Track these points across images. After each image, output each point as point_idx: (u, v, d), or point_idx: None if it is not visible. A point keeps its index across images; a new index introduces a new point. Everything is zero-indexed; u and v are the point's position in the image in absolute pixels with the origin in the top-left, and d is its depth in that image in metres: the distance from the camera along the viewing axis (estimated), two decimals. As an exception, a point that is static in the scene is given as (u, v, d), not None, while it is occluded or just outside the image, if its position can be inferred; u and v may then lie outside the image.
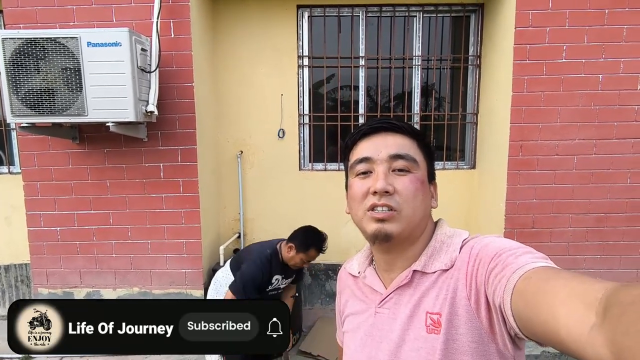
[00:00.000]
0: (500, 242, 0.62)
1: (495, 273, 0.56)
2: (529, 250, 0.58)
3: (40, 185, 2.83)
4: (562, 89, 2.70)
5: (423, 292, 0.67)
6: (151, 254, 2.90)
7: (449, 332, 0.62)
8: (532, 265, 0.53)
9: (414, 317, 0.66)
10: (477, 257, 0.62)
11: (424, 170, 0.71)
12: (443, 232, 0.71)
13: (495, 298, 0.55)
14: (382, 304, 0.72)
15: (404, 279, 0.69)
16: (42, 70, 2.27)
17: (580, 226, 2.82)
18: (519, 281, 0.51)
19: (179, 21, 2.66)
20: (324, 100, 3.36)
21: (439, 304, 0.64)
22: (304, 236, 2.11)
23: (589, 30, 2.66)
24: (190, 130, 2.77)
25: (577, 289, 0.43)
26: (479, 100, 3.29)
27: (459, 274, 0.63)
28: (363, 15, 3.22)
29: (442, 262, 0.67)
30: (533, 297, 0.48)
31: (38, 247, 2.90)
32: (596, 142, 2.75)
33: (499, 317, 0.57)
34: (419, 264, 0.68)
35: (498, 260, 0.58)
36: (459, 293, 0.62)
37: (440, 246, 0.69)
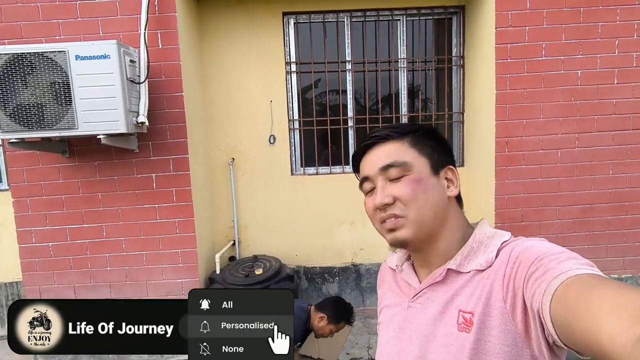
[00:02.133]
0: (543, 245, 0.61)
1: (535, 277, 0.55)
2: (573, 256, 0.56)
3: (31, 201, 2.79)
4: (543, 85, 2.80)
5: (456, 290, 0.67)
6: (146, 265, 2.88)
7: (481, 332, 0.61)
8: (576, 272, 0.51)
9: (446, 313, 0.67)
10: (517, 259, 0.61)
11: (422, 166, 0.70)
12: (482, 232, 0.71)
13: (533, 302, 0.54)
14: (415, 299, 0.73)
15: (438, 276, 0.70)
16: (30, 85, 2.26)
17: (567, 217, 2.90)
18: (560, 287, 0.50)
19: (166, 32, 2.68)
20: (313, 105, 3.41)
21: (473, 302, 0.64)
22: (336, 309, 2.15)
23: (566, 29, 2.76)
24: (182, 140, 2.77)
25: (623, 299, 0.43)
26: (464, 99, 3.37)
27: (495, 275, 0.63)
28: (348, 20, 3.28)
29: (478, 263, 0.66)
30: (575, 304, 0.47)
31: (30, 264, 2.86)
32: (578, 135, 2.85)
33: (536, 322, 0.55)
34: (454, 263, 0.68)
35: (539, 264, 0.56)
36: (494, 294, 0.62)
37: (478, 246, 0.68)
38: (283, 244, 3.40)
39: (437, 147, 0.74)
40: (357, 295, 3.51)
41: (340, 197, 3.38)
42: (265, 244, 3.41)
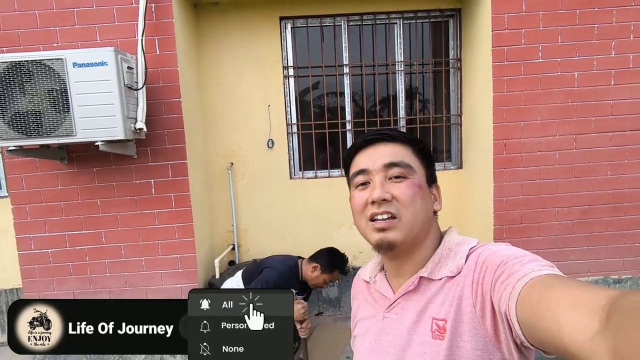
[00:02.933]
0: (507, 250, 0.63)
1: (501, 280, 0.57)
2: (535, 258, 0.59)
3: (30, 208, 2.80)
4: (540, 87, 2.80)
5: (429, 298, 0.68)
6: (145, 270, 2.88)
7: (454, 338, 0.62)
8: (538, 273, 0.53)
9: (420, 322, 0.68)
10: (483, 264, 0.62)
11: (422, 175, 0.73)
12: (451, 239, 0.72)
13: (501, 305, 0.56)
14: (389, 309, 0.73)
15: (411, 285, 0.70)
16: (28, 92, 2.26)
17: (566, 219, 2.90)
18: (524, 288, 0.52)
19: (164, 38, 2.69)
20: (311, 109, 3.41)
21: (445, 310, 0.65)
22: (330, 258, 2.15)
23: (562, 31, 2.76)
24: (180, 145, 2.78)
25: (581, 296, 0.44)
26: (462, 101, 3.37)
27: (465, 281, 0.64)
28: (345, 24, 3.29)
29: (449, 269, 0.68)
30: (537, 304, 0.49)
31: (29, 270, 2.86)
32: (576, 137, 2.85)
33: (504, 325, 0.57)
34: (426, 271, 0.70)
35: (504, 267, 0.58)
36: (464, 300, 0.63)
37: (447, 253, 0.70)
38: (282, 247, 3.40)
39: (430, 164, 0.77)
40: (357, 299, 3.50)
41: (339, 200, 3.38)
42: (265, 247, 3.41)
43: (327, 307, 3.52)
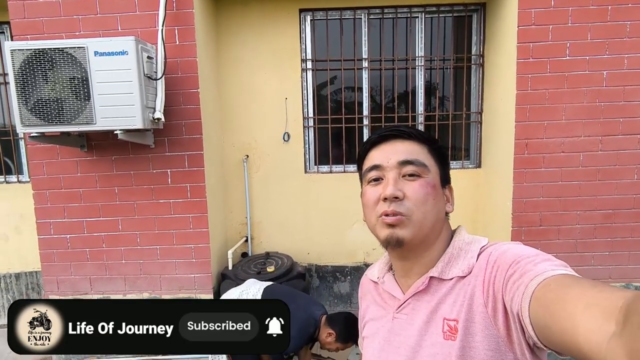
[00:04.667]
0: (518, 249, 0.62)
1: (513, 280, 0.56)
2: (547, 258, 0.58)
3: (50, 194, 2.86)
4: (566, 86, 2.70)
5: (440, 298, 0.67)
6: (160, 259, 2.91)
7: (465, 339, 0.61)
8: (551, 273, 0.52)
9: (431, 323, 0.67)
10: (494, 264, 0.61)
11: (436, 175, 0.72)
12: (461, 238, 0.71)
13: (513, 305, 0.55)
14: (399, 310, 0.72)
15: (421, 285, 0.69)
16: (50, 80, 2.30)
17: (588, 223, 2.81)
18: (537, 288, 0.51)
19: (184, 28, 2.69)
20: (328, 103, 3.38)
21: (456, 310, 0.64)
22: (346, 328, 2.07)
23: (592, 27, 2.66)
24: (197, 136, 2.79)
25: (597, 297, 0.43)
26: (482, 99, 3.29)
27: (476, 281, 0.63)
28: (365, 17, 3.24)
29: (459, 269, 0.67)
30: (551, 304, 0.48)
31: (48, 254, 2.93)
32: (602, 138, 2.75)
33: (517, 325, 0.56)
34: (436, 271, 0.69)
35: (516, 267, 0.57)
36: (475, 300, 0.62)
37: (458, 253, 0.69)
38: (295, 241, 3.40)
39: (445, 164, 0.75)
40: (369, 295, 3.48)
41: (353, 196, 3.33)
42: (278, 241, 3.41)
43: (338, 302, 3.51)
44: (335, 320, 2.12)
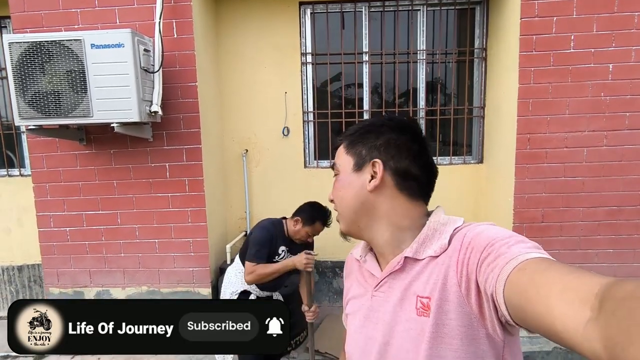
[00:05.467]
0: (492, 230, 0.63)
1: (487, 262, 0.57)
2: (521, 240, 0.58)
3: (50, 187, 2.88)
4: (570, 79, 2.64)
5: (413, 276, 0.69)
6: (159, 253, 2.92)
7: (439, 316, 0.63)
8: (526, 256, 0.53)
9: (405, 300, 0.69)
10: (469, 245, 0.63)
11: (345, 165, 0.76)
12: (437, 219, 0.72)
13: (487, 287, 0.56)
14: (377, 288, 0.75)
15: (397, 264, 0.71)
16: (48, 72, 2.30)
17: (592, 220, 2.75)
18: (512, 272, 0.52)
19: (182, 21, 2.68)
20: (328, 97, 3.35)
21: (429, 288, 0.66)
22: (310, 210, 2.13)
23: (597, 19, 2.59)
24: (195, 130, 2.78)
25: (573, 283, 0.44)
26: (485, 93, 3.24)
27: (450, 261, 0.65)
28: (366, 10, 3.19)
29: (432, 249, 0.68)
30: (527, 288, 0.49)
31: (49, 247, 2.95)
32: (607, 133, 2.69)
33: (489, 304, 0.58)
34: (410, 251, 0.70)
35: (491, 249, 0.58)
36: (449, 279, 0.63)
37: (432, 234, 0.70)
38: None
39: (370, 143, 0.75)
40: (368, 292, 3.46)
41: (353, 192, 3.32)
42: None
43: (337, 298, 3.49)
44: (298, 209, 2.17)
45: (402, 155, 0.73)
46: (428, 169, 0.75)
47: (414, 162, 0.73)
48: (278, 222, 2.20)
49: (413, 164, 0.73)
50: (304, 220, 2.10)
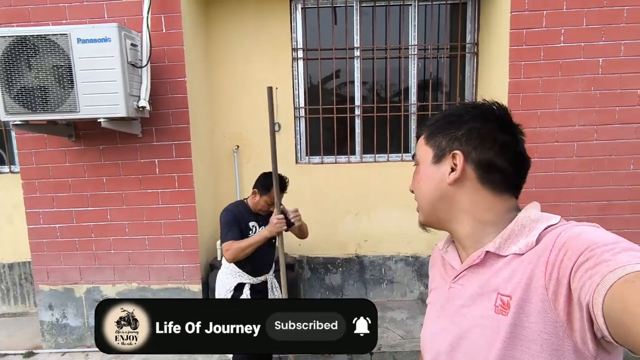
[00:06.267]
0: (595, 233, 0.57)
1: (585, 268, 0.51)
2: (630, 247, 0.52)
3: (39, 183, 2.86)
4: (560, 74, 2.64)
5: (495, 272, 0.65)
6: (149, 249, 2.91)
7: (519, 317, 0.59)
8: (636, 267, 0.46)
9: (483, 295, 0.66)
10: (563, 246, 0.57)
11: (425, 156, 0.74)
12: (527, 215, 0.67)
13: (582, 295, 0.51)
14: (456, 280, 0.73)
15: (477, 258, 0.68)
16: (34, 67, 2.28)
17: (582, 215, 2.75)
18: (617, 282, 0.46)
19: (170, 16, 2.66)
20: (320, 93, 3.34)
21: (511, 286, 0.61)
22: (264, 180, 2.19)
23: (587, 13, 2.58)
24: (184, 125, 2.76)
25: None
26: (477, 88, 3.23)
27: (538, 260, 0.59)
28: (357, 5, 3.18)
29: (518, 247, 0.63)
30: (634, 304, 0.44)
31: (38, 244, 2.93)
32: (597, 127, 2.68)
33: (583, 315, 0.52)
34: (493, 246, 0.66)
35: (591, 254, 0.52)
36: (535, 280, 0.59)
37: (520, 230, 0.65)
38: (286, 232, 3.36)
39: (451, 133, 0.71)
40: (361, 288, 3.46)
41: (345, 187, 3.32)
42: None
43: (330, 294, 3.49)
44: (254, 183, 2.24)
45: (486, 146, 0.68)
46: (518, 161, 0.70)
47: (500, 153, 0.68)
48: (240, 202, 2.29)
49: (498, 155, 0.68)
50: (260, 190, 2.17)
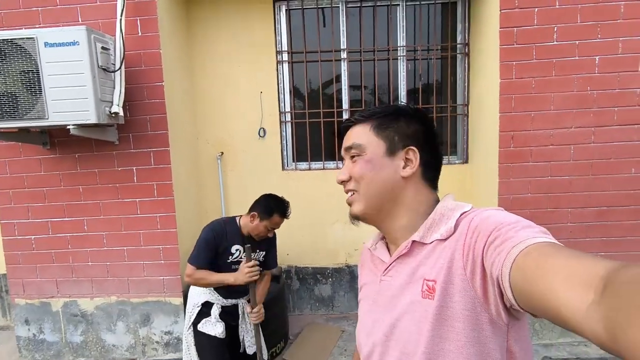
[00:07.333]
0: (500, 215, 0.63)
1: (494, 246, 0.57)
2: (528, 225, 0.58)
3: (13, 193, 2.76)
4: (554, 73, 2.51)
5: (420, 260, 0.70)
6: (127, 261, 2.79)
7: (444, 299, 0.64)
8: (533, 241, 0.52)
9: (411, 283, 0.70)
10: (476, 229, 0.63)
11: (376, 148, 0.75)
12: (445, 205, 0.73)
13: (493, 270, 0.56)
14: (386, 272, 0.77)
15: (404, 248, 0.73)
16: (1, 73, 2.19)
17: (580, 221, 2.61)
18: (518, 256, 0.52)
19: (146, 19, 2.56)
20: (306, 97, 3.22)
21: (435, 271, 0.66)
22: (266, 203, 1.99)
23: (582, 9, 2.46)
24: (162, 132, 2.66)
25: (579, 266, 0.44)
26: (469, 90, 3.11)
27: (456, 244, 0.65)
28: (343, 6, 3.08)
29: (439, 233, 0.69)
30: (533, 272, 0.49)
31: (13, 256, 2.83)
32: (595, 129, 2.54)
33: (495, 289, 0.58)
34: (418, 235, 0.72)
35: (497, 233, 0.58)
36: (455, 262, 0.64)
37: (440, 218, 0.71)
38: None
39: (401, 130, 0.76)
40: (352, 298, 3.32)
41: (333, 194, 3.19)
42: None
43: (320, 306, 3.35)
44: (254, 203, 2.03)
45: (427, 146, 0.76)
46: (440, 159, 0.80)
47: (435, 154, 0.77)
48: (230, 220, 2.06)
49: (434, 155, 0.77)
50: (261, 214, 1.96)
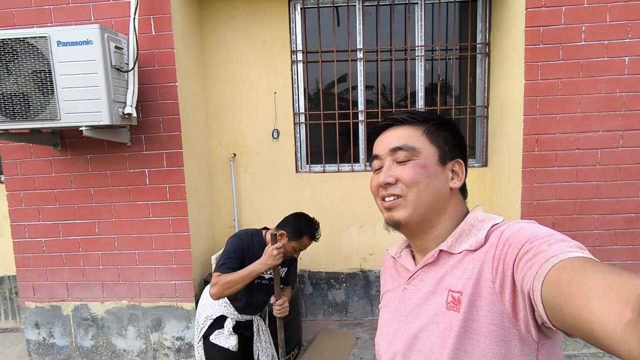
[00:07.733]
0: (533, 228, 0.60)
1: (526, 259, 0.55)
2: (563, 238, 0.56)
3: (24, 195, 2.71)
4: (581, 75, 2.41)
5: (447, 270, 0.68)
6: (139, 264, 2.74)
7: (470, 312, 0.62)
8: (567, 255, 0.50)
9: (436, 293, 0.68)
10: (507, 241, 0.61)
11: (430, 154, 0.72)
12: (475, 216, 0.71)
13: (524, 284, 0.54)
14: (410, 281, 0.75)
15: (431, 257, 0.71)
16: (13, 72, 2.13)
17: (608, 228, 2.51)
18: (551, 270, 0.50)
19: (159, 17, 2.50)
20: (321, 98, 3.15)
21: (462, 283, 0.64)
22: (297, 223, 1.87)
23: (611, 8, 2.36)
24: (176, 133, 2.60)
25: (615, 283, 0.42)
26: (489, 91, 3.02)
27: (485, 257, 0.63)
28: (359, 4, 3.00)
29: (468, 244, 0.67)
30: (566, 287, 0.47)
31: (24, 259, 2.78)
32: (623, 133, 2.45)
33: (525, 304, 0.56)
34: (446, 245, 0.70)
35: (530, 246, 0.56)
36: (484, 275, 0.62)
37: (469, 229, 0.69)
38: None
39: (449, 140, 0.75)
40: (366, 304, 3.24)
41: (348, 198, 3.12)
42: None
43: (333, 311, 3.28)
44: (282, 221, 1.93)
45: (464, 160, 0.76)
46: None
47: (465, 167, 0.76)
48: (257, 232, 1.96)
49: (466, 168, 0.76)
50: (290, 234, 1.85)
